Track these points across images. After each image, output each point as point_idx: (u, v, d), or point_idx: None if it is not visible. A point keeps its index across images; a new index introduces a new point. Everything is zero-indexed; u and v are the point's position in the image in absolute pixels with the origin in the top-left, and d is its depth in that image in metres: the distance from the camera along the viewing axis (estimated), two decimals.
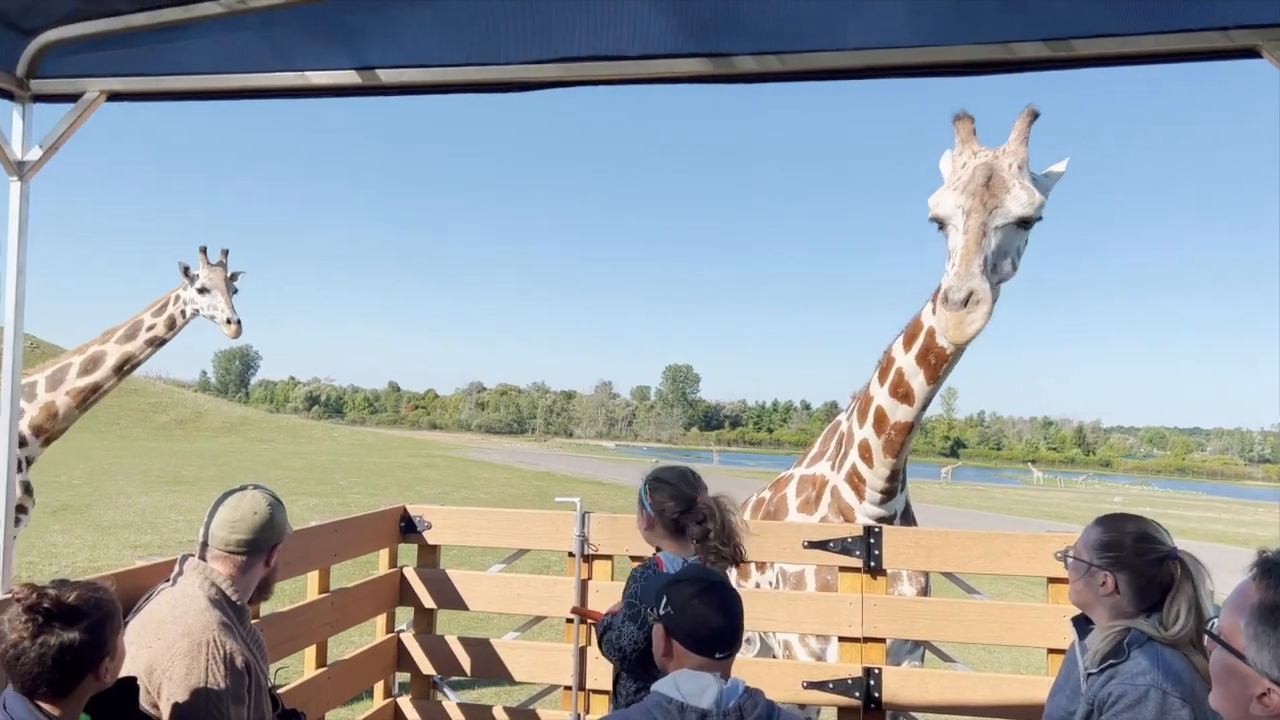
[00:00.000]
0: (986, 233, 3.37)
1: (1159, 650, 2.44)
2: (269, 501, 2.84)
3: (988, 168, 3.47)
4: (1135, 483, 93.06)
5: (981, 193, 3.43)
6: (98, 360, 6.51)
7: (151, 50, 3.02)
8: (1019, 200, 3.41)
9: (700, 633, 2.32)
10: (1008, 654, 10.09)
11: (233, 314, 6.84)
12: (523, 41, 2.89)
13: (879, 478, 4.24)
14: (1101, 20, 2.59)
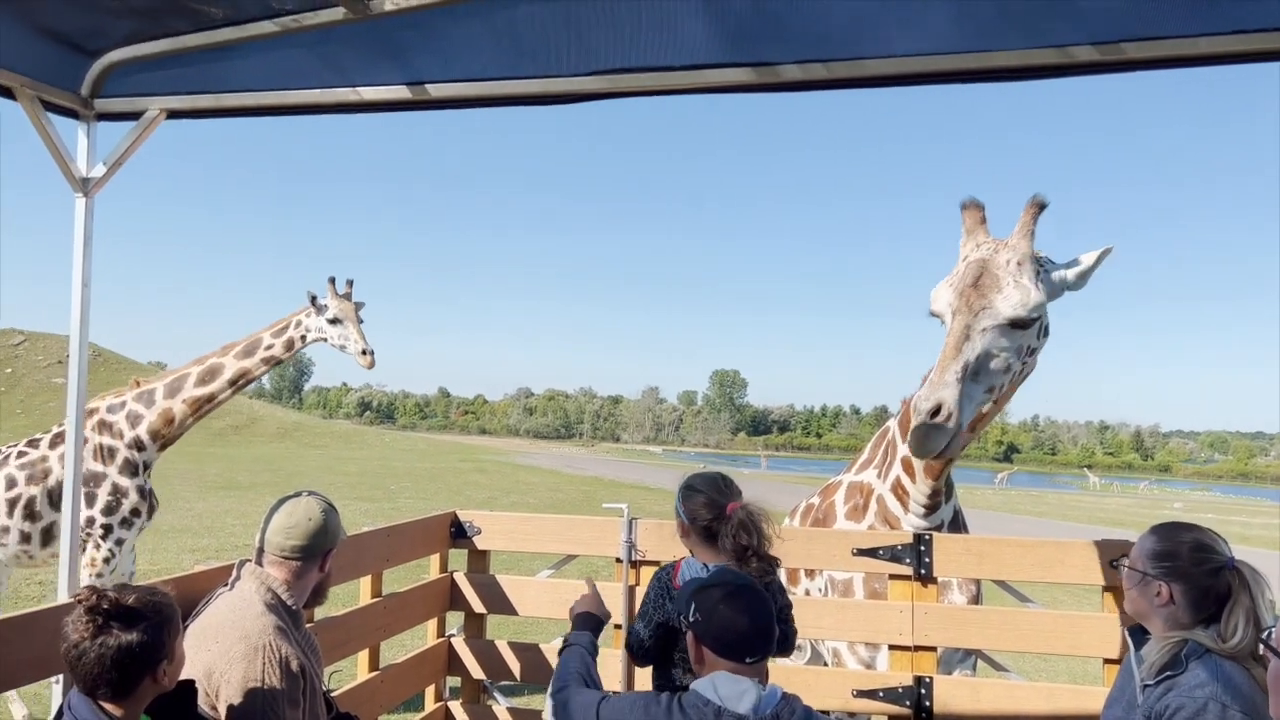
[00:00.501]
0: (970, 336, 3.21)
1: (1218, 662, 2.39)
2: (323, 508, 2.89)
3: (980, 265, 3.32)
4: (1196, 488, 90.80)
5: (969, 293, 3.28)
6: (215, 372, 6.76)
7: (208, 69, 3.11)
8: (1009, 301, 3.23)
9: (728, 638, 2.33)
10: (1063, 663, 9.91)
11: (367, 345, 7.09)
12: (568, 54, 2.93)
13: (921, 494, 4.20)
14: (1154, 22, 2.55)
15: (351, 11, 2.82)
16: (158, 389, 6.68)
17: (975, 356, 3.21)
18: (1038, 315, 3.29)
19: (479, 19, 2.91)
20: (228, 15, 2.89)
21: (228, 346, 6.90)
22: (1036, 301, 3.25)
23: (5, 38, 2.91)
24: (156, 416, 6.59)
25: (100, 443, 6.46)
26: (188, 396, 6.66)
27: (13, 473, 6.40)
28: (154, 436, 6.60)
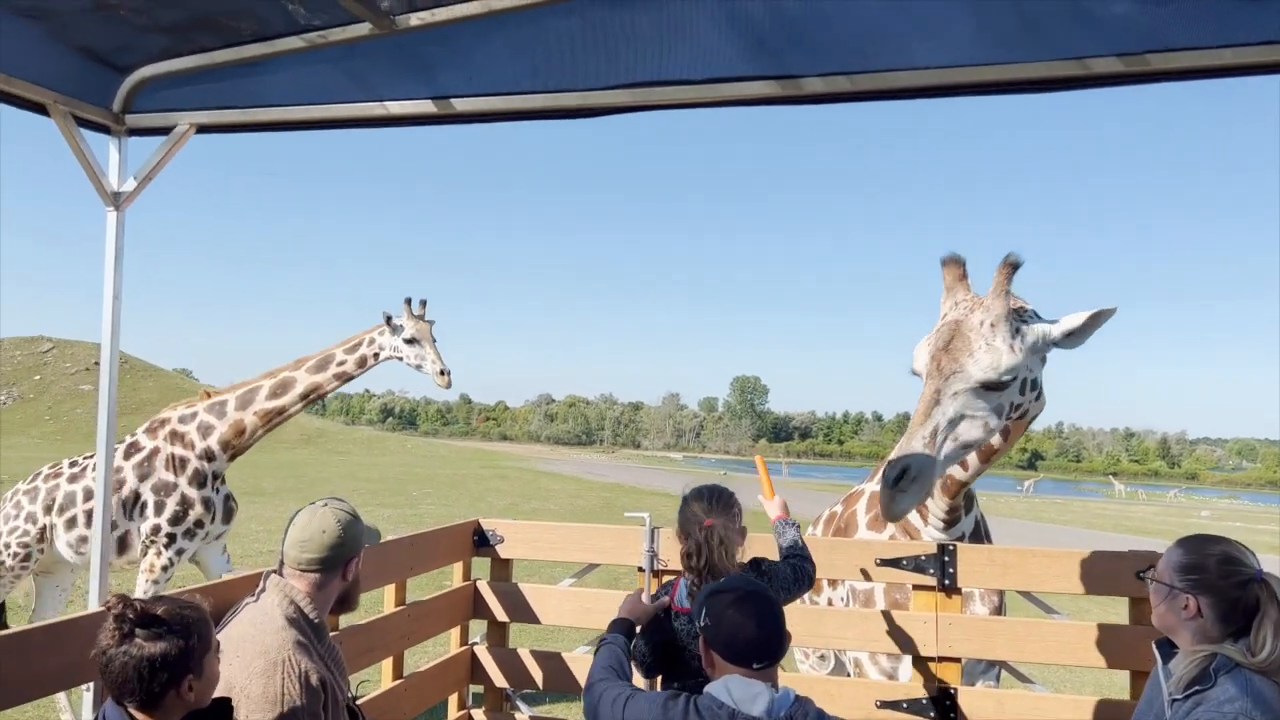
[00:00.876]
0: (940, 400, 3.22)
1: (1248, 677, 2.36)
2: (338, 518, 2.86)
3: (952, 327, 3.30)
4: (1224, 496, 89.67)
5: (940, 356, 3.28)
6: (287, 386, 6.91)
7: (237, 84, 3.16)
8: (980, 364, 3.22)
9: (736, 643, 2.35)
10: (1089, 675, 9.81)
11: (444, 365, 7.25)
12: (592, 68, 2.95)
13: (940, 508, 4.19)
14: (1179, 34, 2.54)
15: (377, 27, 2.85)
16: (229, 401, 6.83)
17: (947, 420, 3.21)
18: (1012, 377, 3.25)
19: (503, 34, 2.94)
20: (256, 32, 2.93)
21: (300, 361, 7.05)
22: (1008, 364, 3.22)
23: (39, 55, 2.97)
24: (228, 428, 6.75)
25: (172, 453, 6.63)
26: (259, 409, 6.81)
27: (90, 485, 6.55)
28: (224, 447, 6.77)
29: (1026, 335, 3.30)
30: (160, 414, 6.91)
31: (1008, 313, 3.27)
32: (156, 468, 6.57)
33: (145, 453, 6.64)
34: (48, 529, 6.58)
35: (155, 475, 6.54)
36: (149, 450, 6.65)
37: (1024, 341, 3.28)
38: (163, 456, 6.61)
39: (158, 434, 6.74)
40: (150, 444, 6.69)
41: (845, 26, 2.75)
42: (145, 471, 6.56)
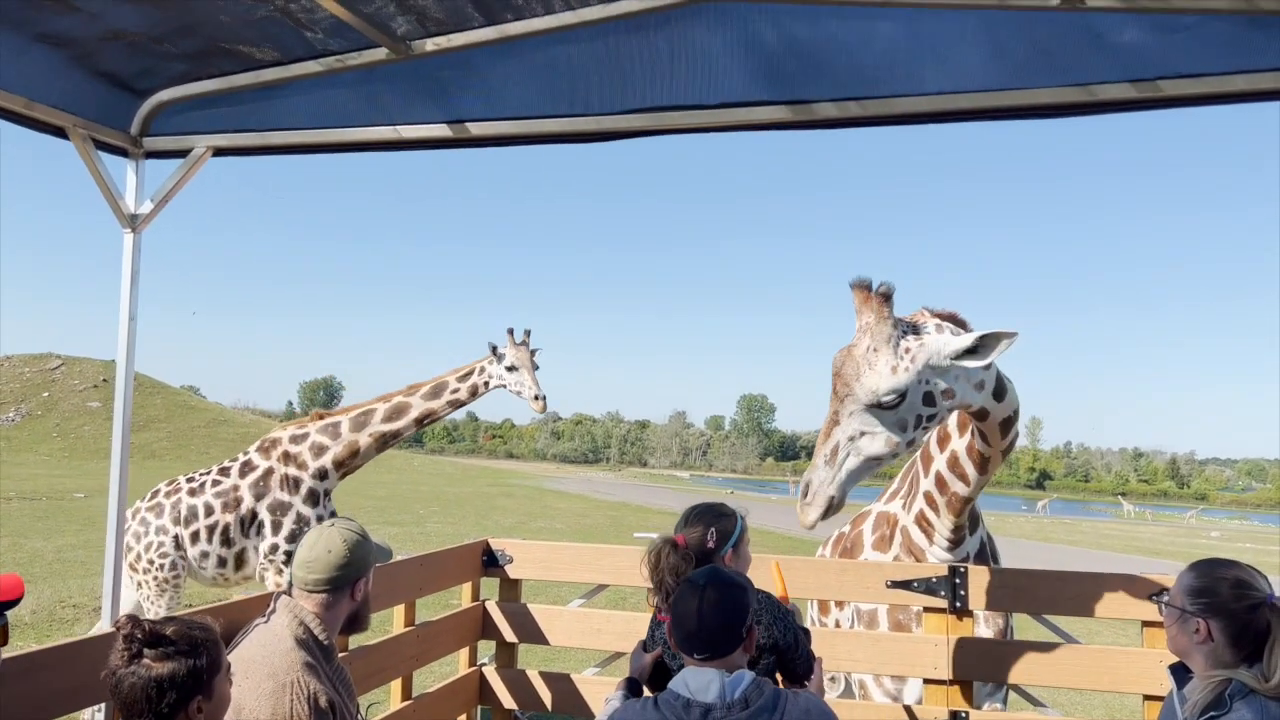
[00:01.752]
0: (840, 421, 3.42)
1: (1264, 703, 2.35)
2: (345, 538, 2.86)
3: (845, 353, 3.48)
4: (1234, 517, 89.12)
5: (835, 381, 3.48)
6: (401, 410, 7.18)
7: (254, 108, 3.19)
8: (864, 387, 3.40)
9: (678, 632, 2.41)
10: (1099, 698, 9.73)
11: (540, 391, 7.57)
12: (606, 92, 2.99)
13: (945, 527, 4.20)
14: (1190, 60, 2.56)
15: (394, 52, 2.89)
16: (343, 422, 7.09)
17: (846, 437, 3.42)
18: (896, 397, 3.40)
19: (519, 59, 2.98)
20: (274, 56, 2.97)
21: (414, 387, 7.34)
22: (888, 387, 3.38)
23: (59, 79, 3.01)
24: (342, 448, 7.00)
25: (285, 473, 6.86)
26: (374, 431, 7.07)
27: (209, 501, 6.79)
28: (337, 466, 7.03)
29: (918, 354, 3.44)
30: (271, 434, 7.19)
31: (890, 337, 3.44)
32: (272, 487, 6.82)
33: (260, 472, 6.88)
34: (180, 539, 6.81)
35: (271, 494, 6.79)
36: (263, 470, 6.90)
37: (913, 361, 3.43)
38: (277, 476, 6.86)
39: (271, 454, 6.98)
40: (264, 463, 6.94)
41: (857, 52, 2.78)
42: (261, 491, 6.80)
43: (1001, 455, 3.91)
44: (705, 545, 3.08)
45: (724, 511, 3.19)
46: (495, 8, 2.75)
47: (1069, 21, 2.58)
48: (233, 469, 6.96)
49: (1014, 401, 3.80)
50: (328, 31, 2.87)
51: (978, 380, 3.62)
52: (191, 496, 6.85)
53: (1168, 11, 2.39)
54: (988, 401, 3.68)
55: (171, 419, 50.01)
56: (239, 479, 6.83)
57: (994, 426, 3.78)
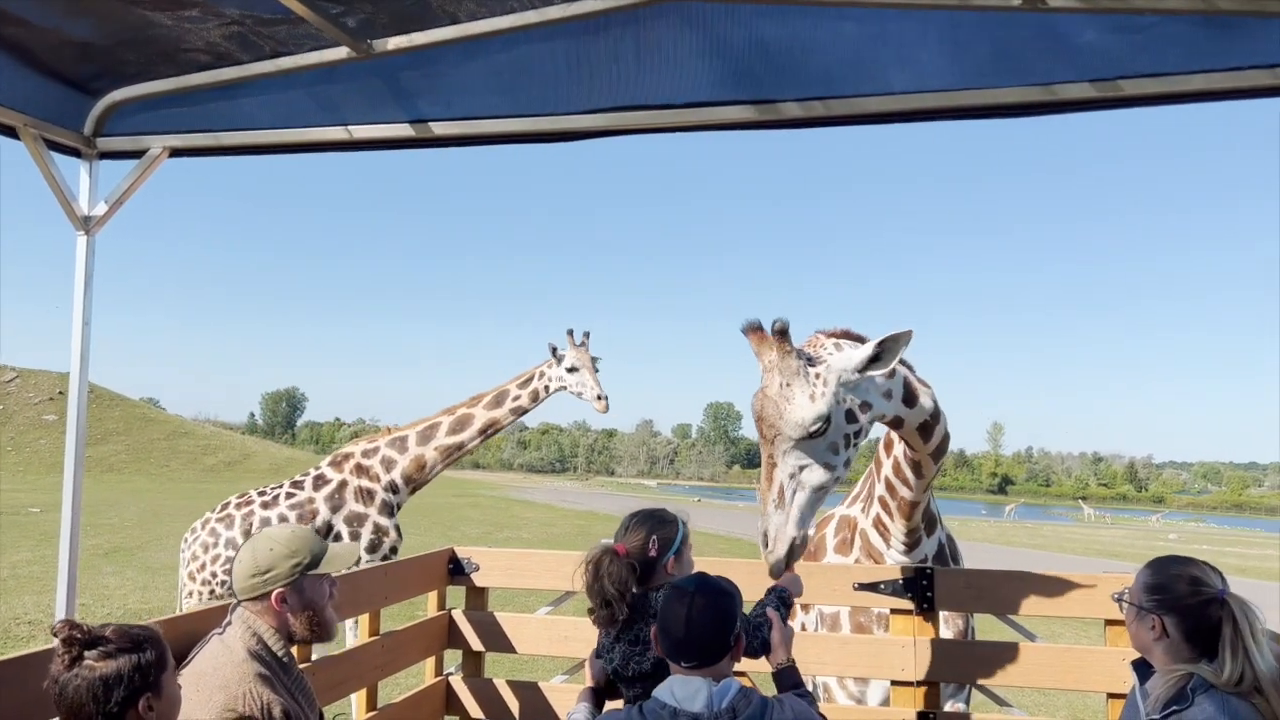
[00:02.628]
0: (777, 462, 3.41)
1: (1225, 698, 2.38)
2: (276, 540, 2.77)
3: (761, 396, 3.48)
4: (1191, 519, 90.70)
5: (760, 425, 3.47)
6: (465, 422, 7.27)
7: (213, 108, 3.13)
8: (790, 424, 3.39)
9: (665, 640, 2.41)
10: (1062, 697, 9.84)
11: (602, 391, 7.63)
12: (570, 92, 2.98)
13: (899, 530, 4.23)
14: (1149, 60, 2.60)
15: (355, 51, 2.85)
16: (410, 436, 7.18)
17: (788, 475, 3.40)
18: (823, 423, 3.40)
19: (481, 59, 2.95)
20: (234, 56, 2.92)
21: (476, 397, 7.42)
22: (813, 415, 3.37)
23: (9, 78, 2.94)
24: (410, 462, 7.10)
25: (359, 485, 6.96)
26: (440, 444, 7.15)
27: (284, 513, 6.87)
28: (407, 481, 7.11)
29: (828, 379, 3.46)
30: (343, 448, 7.32)
31: (798, 369, 3.44)
32: (347, 499, 6.90)
33: (334, 485, 6.96)
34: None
35: (346, 506, 6.87)
36: (337, 483, 6.97)
37: (825, 385, 3.45)
38: (351, 488, 6.96)
39: (343, 467, 7.06)
40: (337, 476, 7.01)
41: (823, 54, 2.79)
42: (337, 503, 6.88)
43: (932, 460, 3.92)
44: (647, 553, 3.03)
45: (665, 518, 3.14)
46: (457, 6, 2.73)
47: (1030, 22, 2.60)
48: (305, 482, 7.02)
49: (928, 407, 3.79)
50: (288, 30, 2.82)
51: (884, 390, 3.63)
52: (265, 510, 6.91)
53: (1127, 12, 2.42)
54: (899, 409, 3.70)
55: (130, 431, 49.16)
56: (313, 492, 6.90)
57: (912, 433, 3.80)
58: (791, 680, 2.85)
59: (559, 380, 7.49)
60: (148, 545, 18.53)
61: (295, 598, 2.77)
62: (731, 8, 2.68)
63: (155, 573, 15.14)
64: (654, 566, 3.05)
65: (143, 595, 13.19)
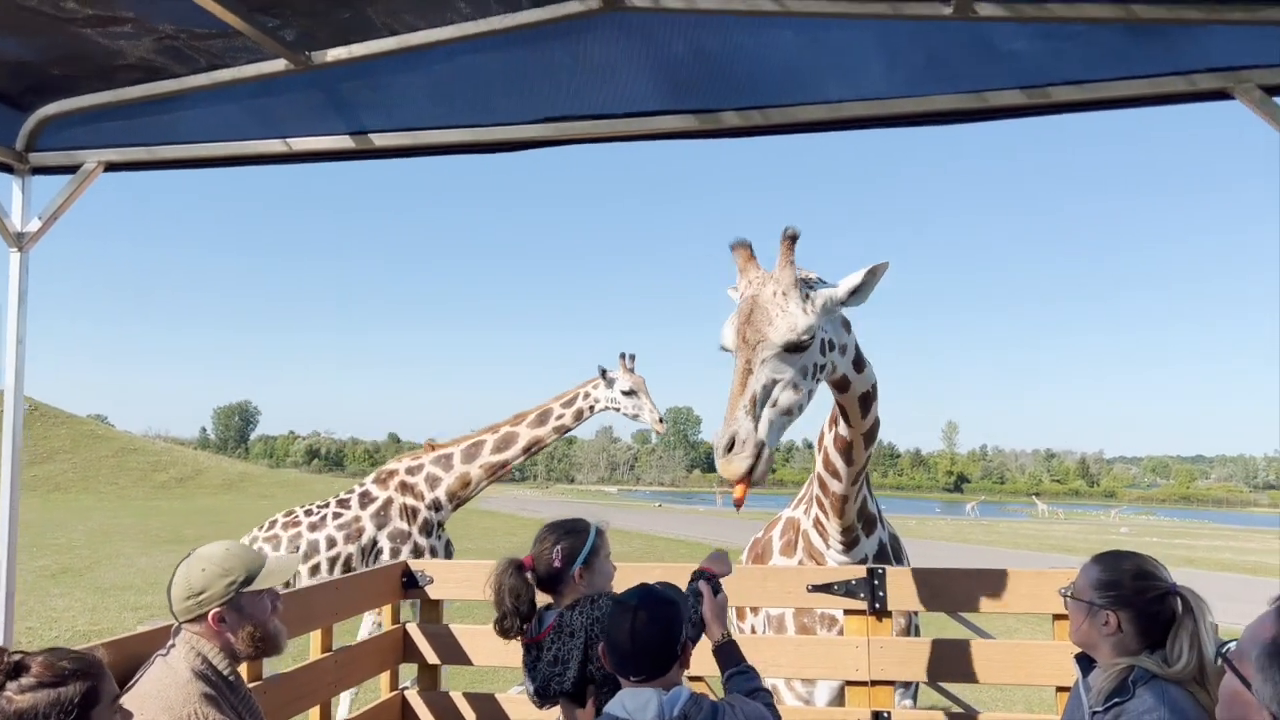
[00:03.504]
0: (753, 369, 3.40)
1: (1165, 687, 2.43)
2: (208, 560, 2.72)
3: (751, 302, 3.50)
4: (1141, 512, 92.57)
5: (744, 329, 3.47)
6: (509, 440, 7.34)
7: (147, 122, 3.09)
8: (779, 330, 3.42)
9: (613, 656, 2.42)
10: (1019, 692, 9.98)
11: (659, 413, 7.92)
12: (510, 103, 2.98)
13: (834, 529, 4.27)
14: (1077, 68, 2.67)
15: (293, 63, 2.82)
16: (454, 454, 7.26)
17: (761, 387, 3.39)
18: (810, 336, 3.46)
19: (420, 70, 2.94)
20: (168, 68, 2.88)
21: (520, 416, 7.50)
22: (805, 325, 3.43)
23: None
24: (455, 480, 7.16)
25: (404, 503, 7.00)
26: (485, 462, 7.23)
27: (332, 533, 6.91)
28: (451, 497, 7.18)
29: (815, 299, 3.53)
30: (387, 465, 7.38)
31: (795, 280, 3.50)
32: (392, 516, 6.95)
33: (380, 502, 6.98)
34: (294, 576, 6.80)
35: (391, 524, 6.92)
36: (383, 500, 7.00)
37: (814, 304, 3.52)
38: (396, 506, 7.01)
39: (388, 484, 7.11)
40: (382, 494, 7.04)
41: (761, 63, 2.82)
42: (382, 520, 6.93)
43: (864, 441, 3.95)
44: (552, 564, 3.01)
45: (574, 528, 3.11)
46: (396, 18, 2.71)
47: (962, 31, 2.65)
48: (352, 500, 7.07)
49: (871, 376, 3.89)
50: (224, 43, 2.79)
51: (843, 342, 3.72)
52: (312, 531, 6.95)
53: (1053, 21, 2.48)
54: (849, 370, 3.77)
55: (77, 449, 48.09)
56: (360, 510, 6.95)
57: (854, 400, 3.85)
58: (734, 659, 2.83)
59: (609, 401, 7.67)
60: (97, 565, 18.14)
61: (234, 616, 2.73)
62: (670, 17, 2.69)
63: (105, 593, 14.83)
64: (561, 577, 3.03)
65: (92, 617, 12.91)
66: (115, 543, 22.18)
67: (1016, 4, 2.47)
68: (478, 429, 7.48)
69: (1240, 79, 2.58)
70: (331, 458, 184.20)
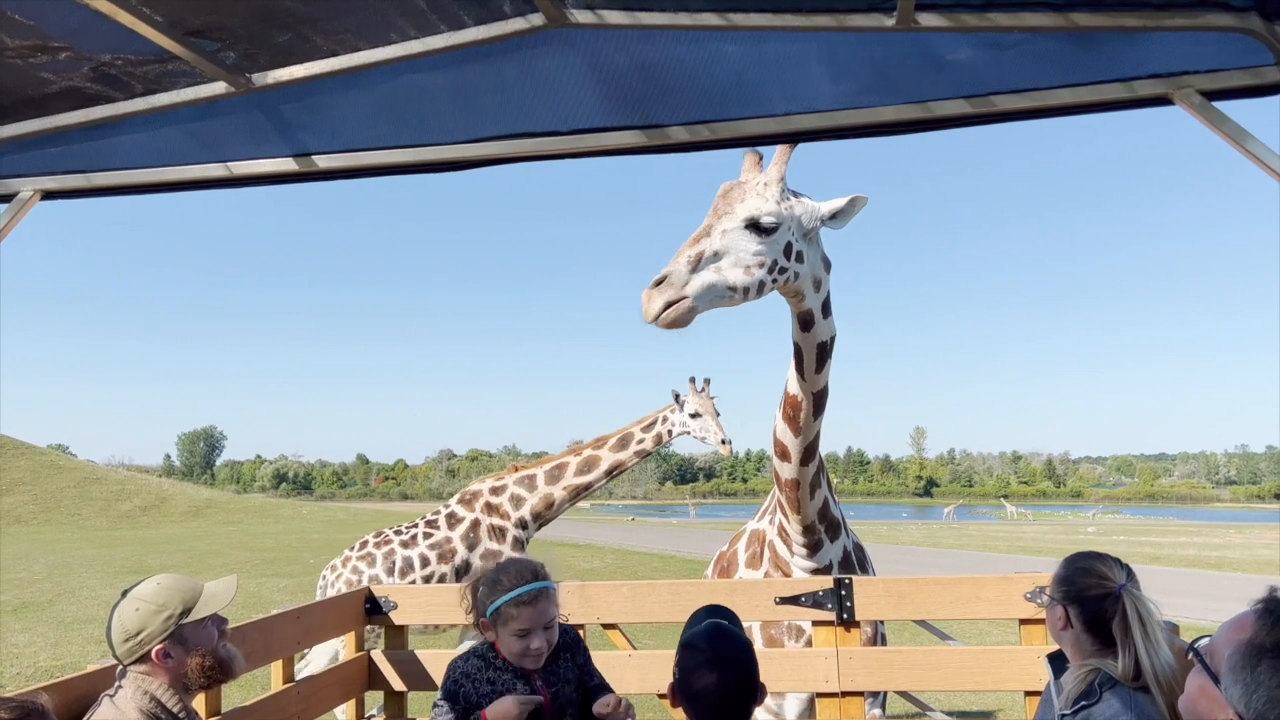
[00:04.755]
0: (710, 234, 3.59)
1: (1131, 694, 2.44)
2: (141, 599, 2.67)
3: (734, 184, 3.77)
4: (1107, 511, 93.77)
5: (718, 202, 3.72)
6: (592, 464, 7.50)
7: (84, 148, 3.02)
8: (748, 206, 3.64)
9: (692, 708, 2.31)
10: (992, 696, 10.02)
11: (726, 436, 8.10)
12: (454, 122, 2.96)
13: (796, 532, 4.28)
14: (1020, 76, 2.69)
15: (233, 86, 2.78)
16: (538, 475, 7.41)
17: (712, 251, 3.56)
18: (775, 222, 3.64)
19: (363, 91, 2.91)
20: (104, 94, 2.82)
21: (601, 439, 7.67)
22: (773, 209, 3.64)
23: None
24: (539, 500, 7.33)
25: (491, 523, 7.18)
26: (568, 484, 7.39)
27: (425, 552, 7.11)
28: (535, 517, 7.34)
29: (795, 202, 3.77)
30: (471, 486, 7.55)
31: (782, 177, 3.74)
32: (482, 537, 7.12)
33: (467, 523, 7.15)
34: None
35: (482, 544, 7.09)
36: (470, 521, 7.17)
37: (791, 205, 3.75)
38: (485, 526, 7.19)
39: (474, 505, 7.27)
40: (469, 515, 7.21)
41: (706, 77, 2.82)
42: (472, 541, 7.10)
43: (813, 406, 4.06)
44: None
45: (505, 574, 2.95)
46: (338, 38, 2.68)
47: (905, 42, 2.67)
48: (439, 521, 7.23)
49: (833, 328, 4.04)
50: (161, 68, 2.74)
51: (818, 276, 3.89)
52: (405, 549, 7.08)
53: (995, 30, 2.50)
54: (816, 306, 3.92)
55: (38, 481, 47.19)
56: (449, 531, 7.12)
57: (812, 347, 3.96)
58: None
59: (682, 425, 7.88)
60: (59, 599, 17.76)
61: (179, 649, 2.67)
62: (613, 33, 2.69)
63: (68, 628, 14.52)
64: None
65: (55, 652, 12.63)
66: (78, 575, 21.74)
67: (958, 14, 2.49)
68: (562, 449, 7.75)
69: (1179, 84, 2.61)
70: (299, 481, 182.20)
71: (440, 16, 2.60)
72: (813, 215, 3.80)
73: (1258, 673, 1.53)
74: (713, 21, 2.56)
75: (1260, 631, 1.56)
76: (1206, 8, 2.48)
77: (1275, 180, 2.47)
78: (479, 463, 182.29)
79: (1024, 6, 2.46)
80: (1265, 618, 1.58)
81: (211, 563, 24.23)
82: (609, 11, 2.60)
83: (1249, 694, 1.53)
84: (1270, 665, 1.52)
